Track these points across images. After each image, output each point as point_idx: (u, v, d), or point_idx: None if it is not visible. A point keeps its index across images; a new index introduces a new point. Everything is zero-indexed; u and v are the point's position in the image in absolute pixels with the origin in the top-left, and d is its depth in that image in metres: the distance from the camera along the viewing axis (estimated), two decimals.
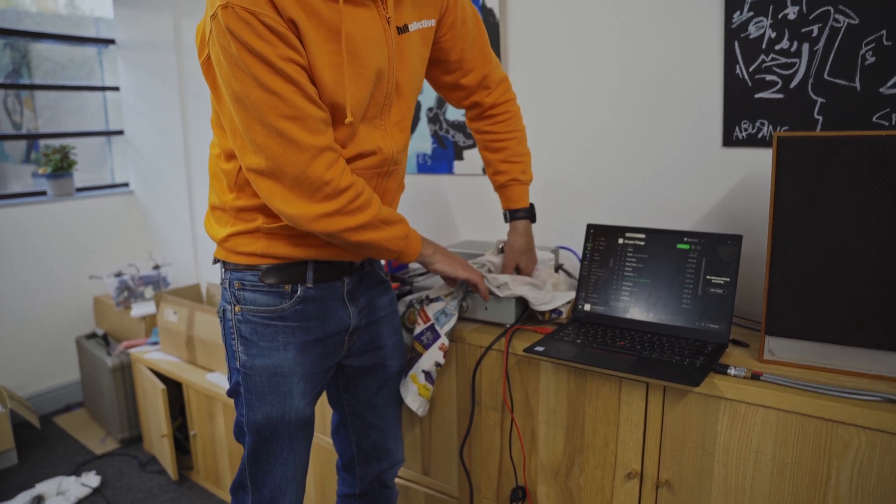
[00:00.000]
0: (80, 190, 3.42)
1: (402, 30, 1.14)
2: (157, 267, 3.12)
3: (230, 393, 1.23)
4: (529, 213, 1.49)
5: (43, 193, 3.32)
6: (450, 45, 1.29)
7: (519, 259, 1.50)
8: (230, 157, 1.13)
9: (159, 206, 3.43)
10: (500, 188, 1.48)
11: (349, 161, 1.12)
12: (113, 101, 3.64)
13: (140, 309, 2.87)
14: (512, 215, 1.50)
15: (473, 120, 1.44)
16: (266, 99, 0.97)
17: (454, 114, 2.06)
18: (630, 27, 1.65)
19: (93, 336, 3.06)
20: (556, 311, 1.47)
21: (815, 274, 1.16)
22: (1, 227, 3.05)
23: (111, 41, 3.53)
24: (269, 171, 1.02)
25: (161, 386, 2.39)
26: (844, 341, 1.15)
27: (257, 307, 1.16)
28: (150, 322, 2.84)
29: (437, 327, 1.44)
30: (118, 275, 2.99)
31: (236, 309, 1.17)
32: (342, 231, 1.08)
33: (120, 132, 3.63)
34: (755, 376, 1.14)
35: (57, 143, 3.34)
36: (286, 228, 1.13)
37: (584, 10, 1.72)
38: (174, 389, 2.52)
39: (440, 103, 2.09)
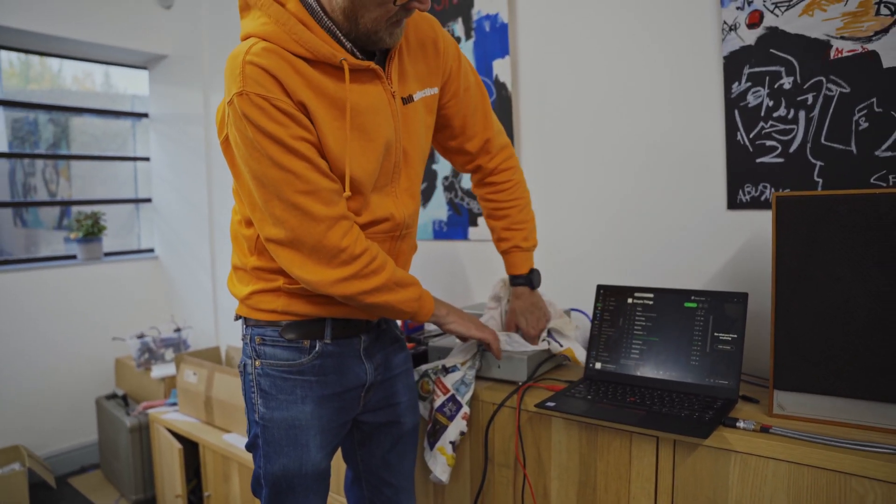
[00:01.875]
0: (108, 254, 3.55)
1: (407, 100, 1.22)
2: (178, 329, 3.19)
3: (248, 446, 1.26)
4: (528, 280, 1.53)
5: (73, 257, 3.44)
6: (453, 112, 1.36)
7: (518, 320, 1.54)
8: (250, 223, 1.20)
9: (182, 271, 3.53)
10: (503, 254, 1.53)
11: (363, 227, 1.18)
12: (143, 171, 3.81)
13: (160, 370, 2.92)
14: (513, 281, 1.55)
15: (477, 185, 1.51)
16: (282, 176, 1.05)
17: (469, 182, 2.15)
18: (636, 97, 1.74)
19: (113, 396, 3.10)
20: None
21: (819, 328, 1.19)
22: (31, 288, 3.16)
23: (145, 115, 3.74)
24: (287, 242, 1.09)
25: (178, 445, 2.41)
26: (853, 394, 1.16)
27: (277, 361, 1.21)
28: (170, 383, 2.88)
29: (458, 398, 1.47)
30: (140, 336, 3.06)
31: (256, 363, 1.22)
32: (358, 294, 1.14)
33: (148, 200, 3.78)
34: (764, 429, 1.15)
35: (89, 209, 3.49)
36: (306, 288, 1.19)
37: (591, 84, 1.83)
38: (190, 451, 2.53)
39: (456, 172, 2.19)
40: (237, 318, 1.29)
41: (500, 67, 2.01)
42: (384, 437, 1.40)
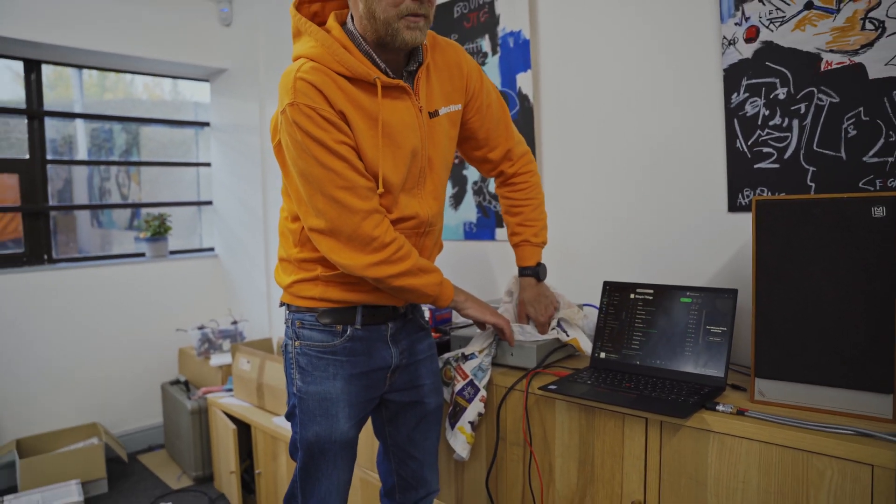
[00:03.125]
0: (172, 252, 3.86)
1: (433, 114, 1.40)
2: (234, 322, 3.46)
3: (287, 415, 1.47)
4: (534, 272, 1.68)
5: (142, 255, 3.77)
6: (477, 126, 1.54)
7: (527, 309, 1.69)
8: (295, 219, 1.40)
9: (239, 268, 3.81)
10: (514, 247, 1.69)
11: (393, 223, 1.37)
12: (204, 175, 4.12)
13: (218, 359, 3.19)
14: (521, 272, 1.70)
15: (499, 186, 1.68)
16: (324, 174, 1.24)
17: (494, 186, 2.31)
18: (643, 107, 1.87)
19: (176, 382, 3.39)
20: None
21: (796, 321, 1.30)
22: (106, 283, 3.49)
23: (206, 124, 4.05)
24: (328, 231, 1.28)
25: (232, 426, 2.66)
26: (825, 382, 1.26)
27: (313, 342, 1.41)
28: (226, 371, 3.15)
29: (476, 382, 1.64)
30: (201, 328, 3.34)
31: (296, 344, 1.42)
32: (387, 277, 1.32)
33: (209, 203, 4.09)
34: (741, 412, 1.27)
35: (156, 211, 3.81)
36: (340, 276, 1.38)
37: (603, 95, 1.96)
38: (244, 433, 2.78)
39: (484, 178, 2.35)
40: (281, 304, 1.50)
41: (523, 80, 2.16)
42: (409, 415, 1.57)
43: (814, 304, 1.28)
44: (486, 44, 2.27)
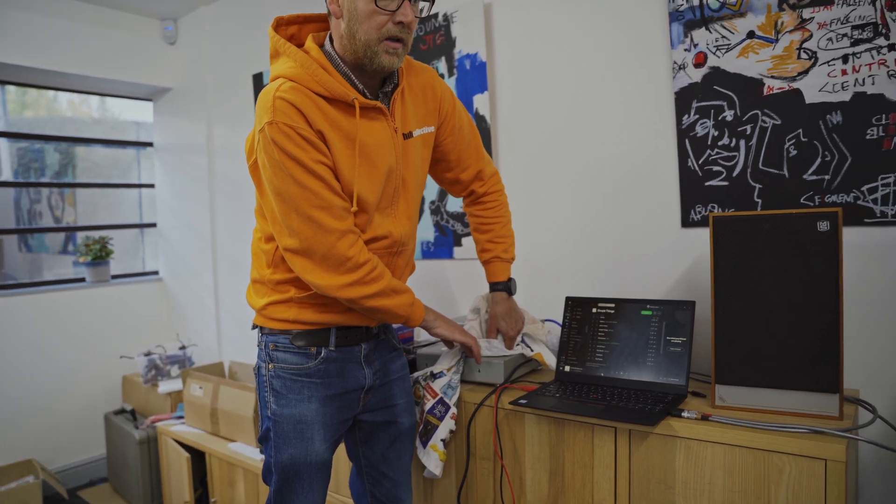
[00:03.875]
0: (115, 277, 3.72)
1: (408, 136, 1.42)
2: (183, 347, 3.36)
3: (261, 439, 1.44)
4: (506, 287, 1.72)
5: (81, 280, 3.62)
6: (450, 147, 1.57)
7: (499, 323, 1.73)
8: (269, 239, 1.39)
9: (186, 292, 3.71)
10: (484, 263, 1.73)
11: (367, 242, 1.37)
12: (147, 196, 4.00)
13: (167, 386, 3.09)
14: (492, 287, 1.74)
15: (468, 205, 1.72)
16: (301, 193, 1.24)
17: (454, 205, 2.35)
18: (599, 128, 1.95)
19: (121, 412, 3.26)
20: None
21: (751, 330, 1.37)
22: (42, 310, 3.33)
23: (149, 144, 3.94)
24: (302, 251, 1.28)
25: (186, 454, 2.57)
26: (779, 385, 1.34)
27: (287, 365, 1.39)
28: (176, 398, 3.04)
29: (447, 400, 1.65)
30: (147, 354, 3.23)
31: (270, 366, 1.40)
32: (360, 298, 1.32)
33: (153, 225, 3.97)
34: (705, 417, 1.34)
35: (97, 234, 3.67)
36: (314, 297, 1.38)
37: (560, 116, 2.04)
38: (196, 461, 2.69)
39: (441, 196, 2.38)
40: (254, 327, 1.48)
41: (480, 101, 2.21)
42: (383, 435, 1.57)
43: (767, 313, 1.36)
44: (442, 66, 2.32)
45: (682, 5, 1.74)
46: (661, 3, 1.79)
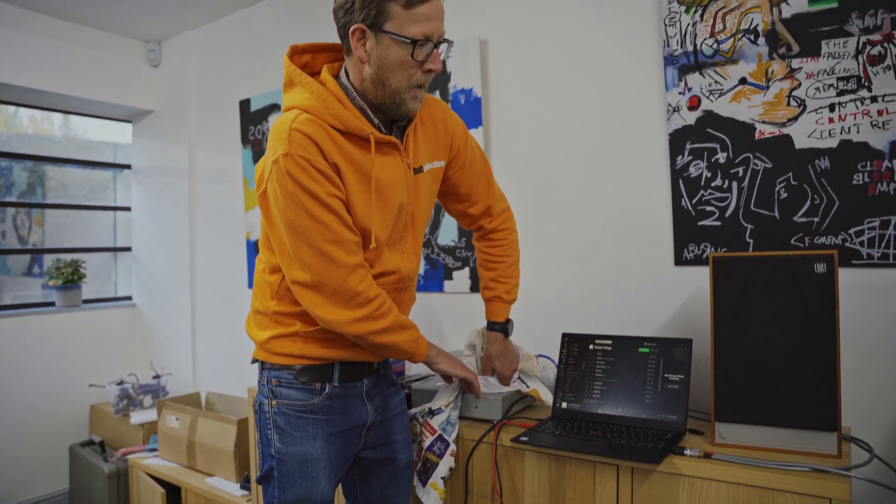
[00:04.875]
0: (86, 301, 3.61)
1: (418, 170, 1.42)
2: (157, 376, 3.26)
3: (260, 479, 1.40)
4: (503, 328, 1.72)
5: (51, 304, 3.50)
6: (460, 181, 1.57)
7: (493, 363, 1.73)
8: (273, 271, 1.37)
9: (162, 318, 3.62)
10: (486, 301, 1.72)
11: (374, 277, 1.36)
12: (121, 219, 3.91)
13: (140, 416, 2.99)
14: (489, 326, 1.74)
15: (477, 240, 1.71)
16: (314, 226, 1.23)
17: (445, 239, 2.35)
18: (595, 167, 1.99)
19: (89, 443, 3.13)
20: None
21: (751, 368, 1.40)
22: (9, 335, 3.20)
23: (127, 166, 3.87)
24: (312, 284, 1.26)
25: (160, 489, 2.48)
26: (779, 423, 1.37)
27: (292, 401, 1.37)
28: (149, 429, 2.95)
29: (446, 437, 1.63)
30: (119, 383, 3.12)
31: (273, 403, 1.37)
32: (368, 333, 1.31)
33: (128, 248, 3.88)
34: (707, 455, 1.35)
35: (68, 257, 3.56)
36: (320, 332, 1.36)
37: (556, 155, 2.07)
38: (170, 496, 2.59)
39: (432, 230, 2.39)
40: (254, 360, 1.44)
41: (475, 137, 2.24)
42: (382, 472, 1.54)
43: (766, 352, 1.39)
44: None
45: (676, 50, 1.80)
46: (656, 48, 1.85)
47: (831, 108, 1.61)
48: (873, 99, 1.56)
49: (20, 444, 3.20)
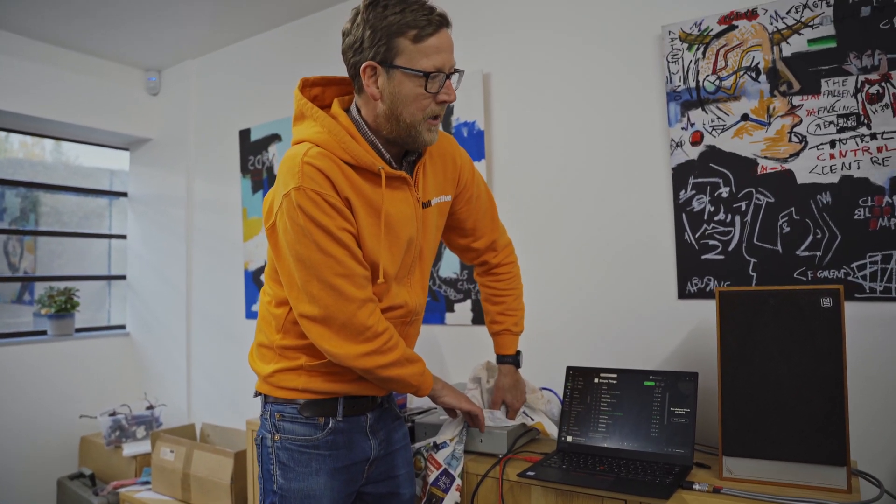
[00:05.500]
0: (78, 330, 3.57)
1: (426, 205, 1.43)
2: (150, 407, 3.21)
3: None
4: (514, 360, 1.71)
5: (42, 333, 3.45)
6: (465, 216, 1.58)
7: (504, 396, 1.72)
8: (279, 304, 1.36)
9: (156, 348, 3.57)
10: (494, 335, 1.72)
11: (382, 311, 1.36)
12: (116, 247, 3.89)
13: (133, 448, 2.93)
14: (500, 359, 1.73)
15: (480, 275, 1.71)
16: (324, 260, 1.23)
17: (446, 271, 2.35)
18: (599, 201, 2.01)
19: (79, 476, 3.06)
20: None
21: (757, 402, 1.40)
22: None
23: (123, 194, 3.86)
24: (320, 318, 1.25)
25: None
26: (787, 458, 1.37)
27: (295, 436, 1.35)
28: (142, 462, 2.89)
29: (451, 471, 1.61)
30: (112, 414, 3.07)
31: (276, 437, 1.35)
32: (376, 367, 1.30)
33: (122, 277, 3.85)
34: (716, 490, 1.34)
35: (61, 285, 3.53)
36: (325, 366, 1.34)
37: (559, 189, 2.09)
38: None
39: (434, 262, 2.39)
40: (256, 394, 1.43)
41: (477, 169, 2.25)
42: None
43: (773, 386, 1.39)
44: None
45: (679, 86, 1.84)
46: (659, 83, 1.88)
47: (832, 144, 1.64)
48: (873, 136, 1.59)
49: (4, 477, 3.12)
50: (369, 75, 1.26)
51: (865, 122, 1.60)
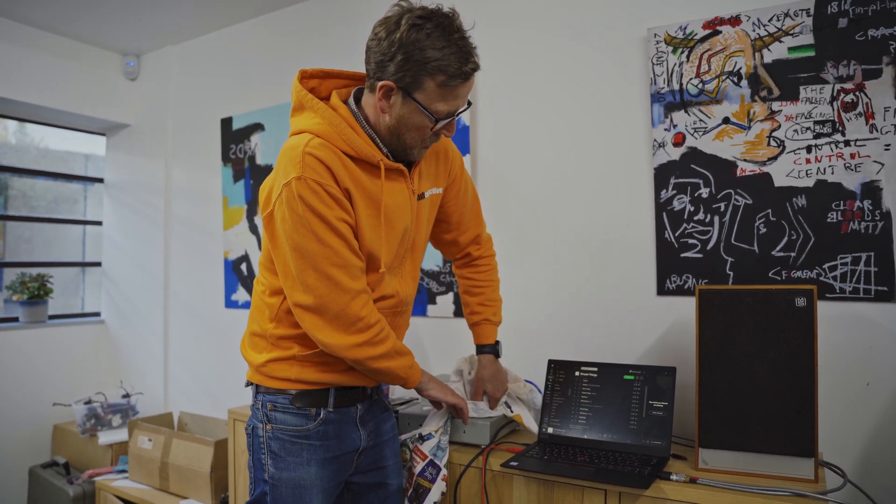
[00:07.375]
0: (52, 317, 3.51)
1: (420, 196, 1.45)
2: (126, 395, 3.18)
3: (251, 503, 1.39)
4: (494, 349, 1.75)
5: (14, 320, 3.39)
6: (453, 209, 1.61)
7: (486, 386, 1.75)
8: (273, 293, 1.38)
9: (132, 336, 3.54)
10: (473, 326, 1.75)
11: (373, 301, 1.38)
12: (91, 234, 3.83)
13: (108, 436, 2.91)
14: (479, 349, 1.76)
15: (459, 267, 1.74)
16: (321, 250, 1.25)
17: (428, 263, 2.38)
18: (581, 198, 2.05)
19: (52, 465, 3.02)
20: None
21: (734, 396, 1.46)
22: None
23: (100, 180, 3.80)
24: (314, 308, 1.27)
25: None
26: (760, 450, 1.43)
27: (286, 426, 1.36)
28: (118, 450, 2.87)
29: (437, 462, 1.64)
30: (87, 402, 3.04)
31: (267, 427, 1.37)
32: (367, 358, 1.32)
33: (97, 264, 3.79)
34: (693, 480, 1.40)
35: (34, 271, 3.47)
36: (317, 356, 1.36)
37: (541, 184, 2.13)
38: None
39: None
40: (248, 384, 1.44)
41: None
42: (373, 497, 1.53)
43: (749, 381, 1.45)
44: None
45: (662, 88, 1.88)
46: (643, 85, 1.92)
47: (808, 149, 1.70)
48: (846, 143, 1.65)
49: None
50: (385, 91, 1.27)
51: (840, 129, 1.66)
